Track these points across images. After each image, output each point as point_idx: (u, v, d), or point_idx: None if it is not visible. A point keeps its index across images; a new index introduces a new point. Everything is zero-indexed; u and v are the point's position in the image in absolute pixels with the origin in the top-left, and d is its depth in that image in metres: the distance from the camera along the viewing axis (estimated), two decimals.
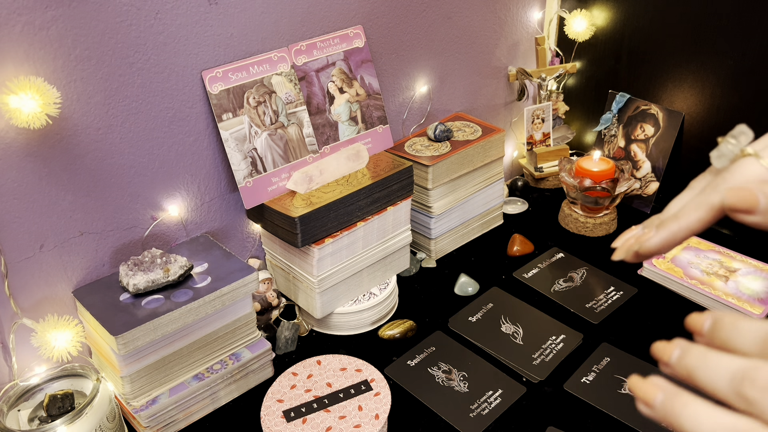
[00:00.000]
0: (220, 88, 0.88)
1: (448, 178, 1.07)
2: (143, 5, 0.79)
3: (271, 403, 0.77)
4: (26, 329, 0.78)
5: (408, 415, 0.83)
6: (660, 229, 0.35)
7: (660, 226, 0.36)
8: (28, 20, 0.71)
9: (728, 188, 0.32)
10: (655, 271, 1.04)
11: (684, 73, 1.18)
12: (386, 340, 0.95)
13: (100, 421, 0.71)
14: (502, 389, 0.86)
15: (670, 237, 0.35)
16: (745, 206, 0.31)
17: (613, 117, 1.30)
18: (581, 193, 1.15)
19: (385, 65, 1.10)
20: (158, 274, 0.79)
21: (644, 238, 0.36)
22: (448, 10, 1.16)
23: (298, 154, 0.96)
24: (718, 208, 0.33)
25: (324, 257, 0.91)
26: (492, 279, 1.08)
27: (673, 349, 0.31)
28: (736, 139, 0.35)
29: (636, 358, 0.90)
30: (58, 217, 0.80)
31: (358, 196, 0.92)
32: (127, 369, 0.75)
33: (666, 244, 0.35)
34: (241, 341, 0.87)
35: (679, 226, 0.35)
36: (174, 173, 0.90)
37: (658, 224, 0.36)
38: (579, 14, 1.28)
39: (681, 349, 0.30)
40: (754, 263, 1.04)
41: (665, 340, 0.33)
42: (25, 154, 0.75)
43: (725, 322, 0.29)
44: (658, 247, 0.35)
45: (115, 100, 0.80)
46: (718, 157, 0.35)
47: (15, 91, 0.68)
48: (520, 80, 1.34)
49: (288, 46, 0.95)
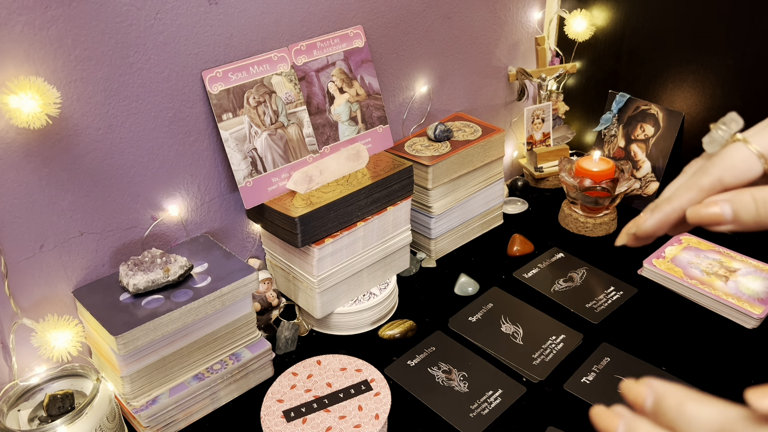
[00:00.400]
0: (220, 88, 0.88)
1: (448, 178, 1.07)
2: (143, 5, 0.79)
3: (271, 403, 0.77)
4: (26, 329, 0.78)
5: (408, 415, 0.83)
6: (654, 212, 0.37)
7: (654, 209, 0.38)
8: (28, 20, 0.71)
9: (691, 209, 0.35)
10: (655, 271, 1.04)
11: (684, 73, 1.18)
12: (386, 340, 0.95)
13: (100, 421, 0.71)
14: (502, 389, 0.86)
15: (663, 218, 0.37)
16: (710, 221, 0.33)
17: (613, 117, 1.30)
18: (581, 193, 1.15)
19: (385, 65, 1.10)
20: (158, 274, 0.79)
21: (640, 221, 0.38)
22: (448, 10, 1.16)
23: (298, 154, 0.96)
24: (707, 189, 0.35)
25: (324, 257, 0.91)
26: (492, 279, 1.08)
27: (618, 423, 0.28)
28: (727, 126, 0.36)
29: (636, 358, 0.90)
30: (58, 217, 0.80)
31: (358, 196, 0.92)
32: (127, 369, 0.75)
33: (660, 224, 0.37)
34: (241, 341, 0.87)
35: (672, 207, 0.36)
36: (174, 173, 0.90)
37: (653, 207, 0.38)
38: (579, 14, 1.29)
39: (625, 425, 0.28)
40: (754, 263, 1.04)
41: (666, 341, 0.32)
42: (25, 154, 0.75)
43: (669, 405, 0.27)
44: (653, 228, 0.37)
45: (115, 100, 0.80)
46: (710, 143, 0.37)
47: (15, 91, 0.68)
48: (520, 80, 1.34)
49: (288, 46, 0.95)
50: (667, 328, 0.95)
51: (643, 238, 0.39)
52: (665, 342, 0.92)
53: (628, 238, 0.40)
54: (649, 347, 0.92)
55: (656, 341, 0.93)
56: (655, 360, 0.89)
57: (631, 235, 0.39)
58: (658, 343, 0.92)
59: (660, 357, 0.90)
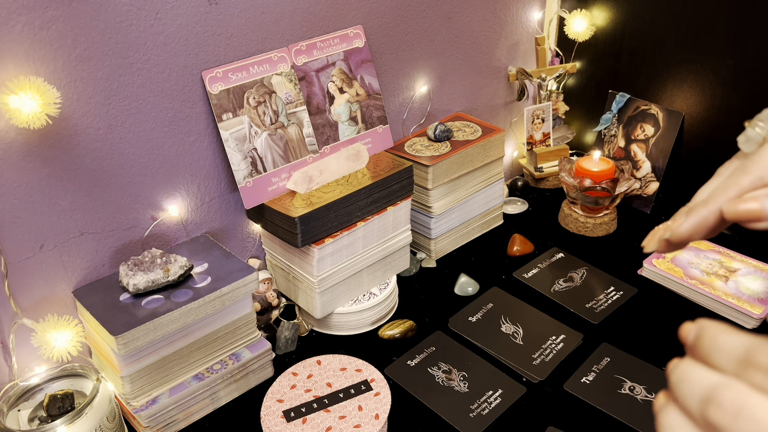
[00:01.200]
0: (220, 88, 0.88)
1: (448, 178, 1.07)
2: (143, 5, 0.79)
3: (271, 403, 0.77)
4: (26, 329, 0.78)
5: (408, 415, 0.83)
6: (690, 215, 0.35)
7: (690, 212, 0.35)
8: (28, 20, 0.71)
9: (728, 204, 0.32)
10: (655, 271, 1.04)
11: (684, 73, 1.18)
12: (386, 340, 0.95)
13: (100, 421, 0.71)
14: (502, 389, 0.86)
15: (700, 221, 0.34)
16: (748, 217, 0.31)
17: (613, 117, 1.30)
18: (581, 193, 1.15)
19: (385, 65, 1.10)
20: (158, 274, 0.79)
21: (674, 225, 0.36)
22: (448, 10, 1.16)
23: (298, 154, 0.96)
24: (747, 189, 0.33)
25: (324, 257, 0.91)
26: (492, 279, 1.08)
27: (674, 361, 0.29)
28: (764, 123, 0.34)
29: (636, 358, 0.90)
30: (58, 217, 0.80)
31: (358, 196, 0.92)
32: (127, 369, 0.75)
33: (696, 228, 0.35)
34: (241, 341, 0.87)
35: (708, 210, 0.34)
36: (174, 173, 0.90)
37: (687, 211, 0.35)
38: (579, 14, 1.29)
39: (675, 363, 0.28)
40: (754, 263, 1.04)
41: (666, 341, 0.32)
42: (25, 154, 0.75)
43: (707, 335, 0.27)
44: (689, 233, 0.35)
45: (115, 100, 0.80)
46: (746, 142, 0.35)
47: (15, 91, 0.68)
48: (520, 80, 1.34)
49: (288, 46, 0.95)
50: (667, 328, 0.95)
51: (676, 244, 0.36)
52: (665, 342, 0.92)
53: (659, 244, 0.37)
54: (649, 347, 0.92)
55: (656, 341, 0.93)
56: (655, 360, 0.89)
57: (664, 240, 0.36)
58: (658, 343, 0.92)
59: (660, 357, 0.90)
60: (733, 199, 0.33)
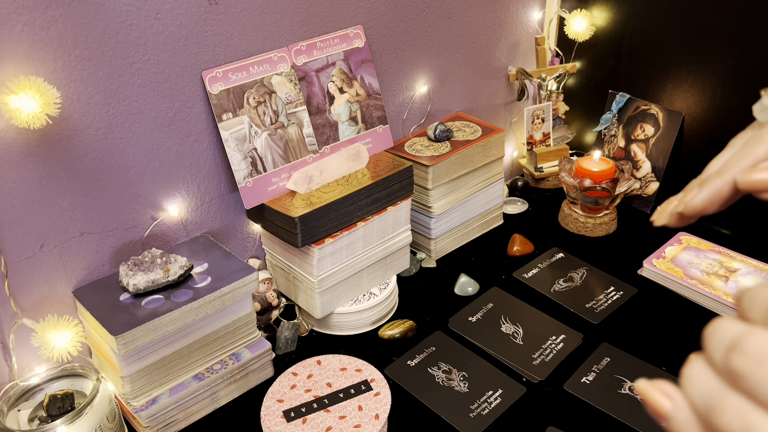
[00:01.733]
0: (220, 88, 0.88)
1: (448, 178, 1.07)
2: (143, 5, 0.79)
3: (271, 403, 0.77)
4: (26, 329, 0.78)
5: (408, 415, 0.83)
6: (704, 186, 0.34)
7: (703, 183, 0.34)
8: (28, 20, 0.71)
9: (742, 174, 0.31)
10: (655, 271, 1.04)
11: (684, 73, 1.18)
12: (386, 340, 0.95)
13: (100, 421, 0.71)
14: (502, 389, 0.86)
15: (714, 192, 0.33)
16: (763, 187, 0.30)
17: (613, 117, 1.30)
18: (581, 193, 1.15)
19: (385, 65, 1.10)
20: (158, 274, 0.79)
21: (687, 197, 0.34)
22: (448, 10, 1.16)
23: (298, 154, 0.96)
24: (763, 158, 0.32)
25: (324, 257, 0.91)
26: (492, 279, 1.08)
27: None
28: None
29: (636, 358, 0.90)
30: (58, 217, 0.80)
31: (358, 196, 0.92)
32: (127, 369, 0.75)
33: (711, 200, 0.33)
34: (241, 341, 0.87)
35: (723, 180, 0.33)
36: (174, 173, 0.90)
37: (701, 183, 0.34)
38: (579, 14, 1.28)
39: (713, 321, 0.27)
40: (754, 263, 1.04)
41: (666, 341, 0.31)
42: (25, 154, 0.75)
43: (748, 291, 0.26)
44: (703, 204, 0.34)
45: (115, 100, 0.80)
46: (761, 111, 0.34)
47: (15, 91, 0.68)
48: (520, 80, 1.34)
49: (288, 46, 0.95)
50: (667, 328, 0.95)
51: (688, 217, 0.35)
52: (665, 342, 0.92)
53: (670, 218, 0.35)
54: (649, 347, 0.92)
55: (656, 341, 0.93)
56: (655, 360, 0.89)
57: (677, 214, 0.35)
58: (658, 343, 0.92)
59: (660, 357, 0.90)
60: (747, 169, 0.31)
